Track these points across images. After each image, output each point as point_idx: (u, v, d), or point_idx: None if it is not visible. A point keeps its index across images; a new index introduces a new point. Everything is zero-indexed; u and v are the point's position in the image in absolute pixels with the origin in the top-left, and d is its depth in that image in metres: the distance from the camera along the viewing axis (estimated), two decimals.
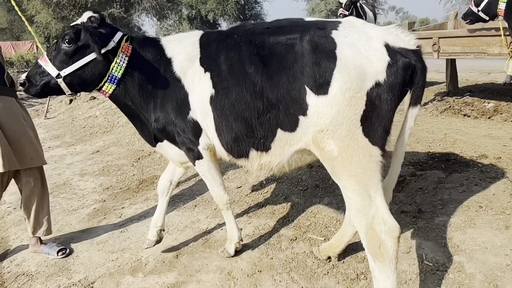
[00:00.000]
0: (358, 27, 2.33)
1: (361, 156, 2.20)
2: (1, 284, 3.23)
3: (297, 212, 3.76)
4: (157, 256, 3.34)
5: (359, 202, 2.24)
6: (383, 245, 2.18)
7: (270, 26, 2.54)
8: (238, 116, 2.53)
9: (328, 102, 2.21)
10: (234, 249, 3.15)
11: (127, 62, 2.73)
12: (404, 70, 2.18)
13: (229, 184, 4.72)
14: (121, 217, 4.26)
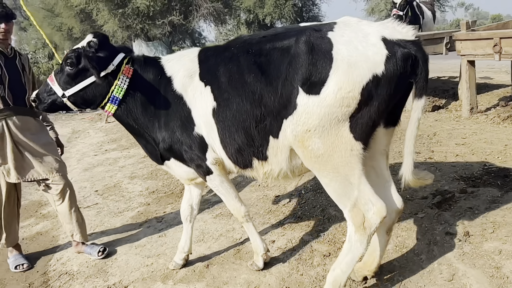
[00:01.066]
0: (353, 25, 2.34)
1: (342, 151, 2.29)
2: (45, 281, 3.44)
3: (334, 226, 3.61)
4: (189, 265, 3.37)
5: (341, 189, 2.37)
6: (368, 222, 2.36)
7: (266, 35, 2.58)
8: (239, 126, 2.57)
9: (318, 102, 2.24)
10: (262, 261, 3.09)
11: (128, 84, 2.81)
12: (404, 61, 2.19)
13: (268, 192, 4.67)
14: (161, 221, 4.37)
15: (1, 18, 3.41)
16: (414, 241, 3.18)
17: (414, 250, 3.08)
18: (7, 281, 3.46)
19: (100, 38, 2.80)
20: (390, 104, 2.30)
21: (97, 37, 2.80)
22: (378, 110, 2.25)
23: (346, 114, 2.23)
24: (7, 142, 3.42)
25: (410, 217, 3.52)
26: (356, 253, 2.44)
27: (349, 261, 2.46)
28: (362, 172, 2.34)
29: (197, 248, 3.65)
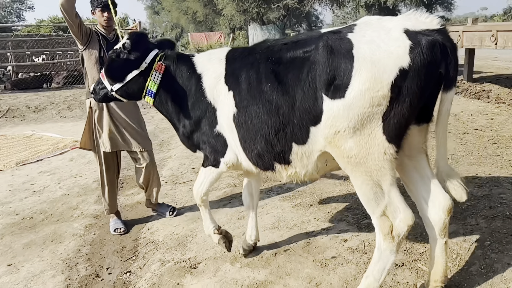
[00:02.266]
0: (374, 24, 2.27)
1: (376, 154, 2.22)
2: (135, 246, 3.85)
3: (414, 235, 3.34)
4: (258, 250, 3.46)
5: (371, 194, 2.31)
6: (395, 230, 2.32)
7: (288, 42, 2.57)
8: (257, 133, 2.60)
9: (345, 105, 2.18)
10: (217, 235, 3.18)
11: (161, 79, 2.98)
12: (430, 49, 2.08)
13: (352, 188, 4.49)
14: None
15: (104, 7, 3.94)
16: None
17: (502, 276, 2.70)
18: (106, 241, 3.97)
19: (133, 39, 3.00)
20: (422, 99, 2.18)
21: (130, 38, 3.00)
22: (411, 106, 2.14)
23: (378, 113, 2.16)
24: (104, 116, 3.97)
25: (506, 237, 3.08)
26: (386, 261, 2.40)
27: (381, 268, 2.43)
28: (393, 179, 2.27)
29: (269, 234, 3.72)
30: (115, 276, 3.31)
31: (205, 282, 3.05)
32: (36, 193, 5.34)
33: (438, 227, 2.48)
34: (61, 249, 3.76)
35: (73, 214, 4.63)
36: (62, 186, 5.60)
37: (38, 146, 7.72)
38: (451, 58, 2.13)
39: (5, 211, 4.76)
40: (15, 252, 3.73)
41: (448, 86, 2.22)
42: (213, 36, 34.56)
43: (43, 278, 3.27)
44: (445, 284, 2.60)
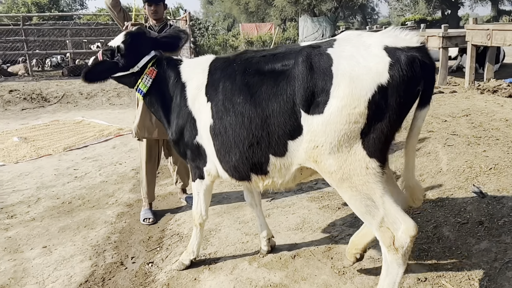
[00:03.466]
0: (354, 39, 2.24)
1: (358, 169, 2.18)
2: (161, 237, 3.97)
3: (441, 248, 3.16)
4: (278, 250, 3.43)
5: (363, 208, 2.26)
6: (398, 241, 2.22)
7: (266, 54, 2.55)
8: (232, 145, 2.57)
9: (324, 121, 2.17)
10: (189, 261, 3.26)
11: (152, 82, 3.02)
12: (409, 66, 2.06)
13: None
14: (271, 201, 4.51)
15: (151, 1, 4.14)
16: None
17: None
18: (135, 230, 4.12)
19: (128, 42, 3.01)
20: (402, 115, 2.16)
21: (125, 41, 3.00)
22: (390, 122, 2.11)
23: (356, 130, 2.13)
24: (139, 104, 4.09)
25: None
26: (395, 275, 2.32)
27: (391, 283, 2.35)
28: (384, 190, 2.21)
29: (292, 235, 3.68)
30: (138, 266, 3.43)
31: (220, 279, 3.08)
32: (78, 179, 5.65)
33: None
34: (92, 235, 3.95)
35: (108, 201, 4.85)
36: (102, 173, 5.87)
37: (85, 133, 8.13)
38: (428, 75, 2.13)
39: (49, 194, 5.08)
40: (51, 235, 3.97)
41: (424, 103, 2.19)
42: (264, 27, 34.45)
43: (72, 263, 3.46)
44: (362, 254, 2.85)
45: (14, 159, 6.53)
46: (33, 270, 3.35)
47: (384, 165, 2.26)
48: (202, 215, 3.18)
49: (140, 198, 4.86)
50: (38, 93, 11.79)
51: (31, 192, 5.15)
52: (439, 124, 5.92)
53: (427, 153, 4.94)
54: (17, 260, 3.51)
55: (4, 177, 5.75)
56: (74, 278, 3.22)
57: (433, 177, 4.39)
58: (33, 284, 3.16)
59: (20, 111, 10.80)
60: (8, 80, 13.04)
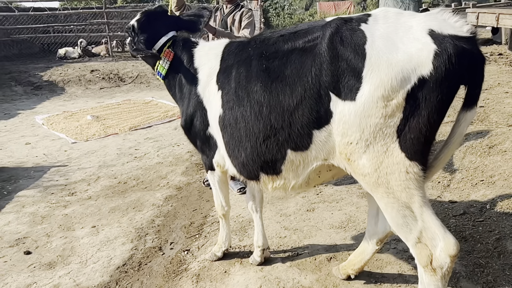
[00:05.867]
0: (392, 17, 1.93)
1: (396, 174, 1.93)
2: (202, 224, 3.98)
3: (503, 265, 2.74)
4: (315, 250, 3.26)
5: (400, 219, 2.01)
6: (436, 261, 1.97)
7: (284, 33, 2.28)
8: (243, 139, 2.32)
9: (356, 111, 1.90)
10: (222, 252, 3.23)
11: (170, 65, 2.94)
12: (456, 60, 1.76)
13: (446, 194, 3.91)
14: (318, 195, 4.31)
15: None
16: None
17: None
18: (179, 215, 4.18)
19: (143, 21, 2.95)
20: (442, 114, 1.87)
21: (139, 21, 2.95)
22: (429, 122, 1.83)
23: (392, 126, 1.87)
24: None
25: None
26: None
27: None
28: (424, 200, 1.96)
29: (333, 235, 3.47)
30: (175, 253, 3.47)
31: (249, 276, 3.00)
32: (137, 159, 5.89)
33: (378, 237, 2.60)
34: (138, 218, 4.09)
35: (160, 183, 4.99)
36: (160, 154, 6.06)
37: (152, 113, 8.47)
38: (477, 73, 1.85)
39: (108, 173, 5.37)
40: (102, 215, 4.19)
41: (469, 104, 1.90)
42: (342, 6, 32.92)
43: (114, 244, 3.61)
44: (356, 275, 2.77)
45: (85, 137, 7.01)
46: (79, 249, 3.55)
47: (426, 170, 1.98)
48: (223, 206, 3.10)
49: (189, 182, 4.96)
50: (115, 73, 12.53)
51: (93, 170, 5.48)
52: None
53: (502, 151, 4.34)
54: (68, 238, 3.75)
55: (73, 154, 6.19)
56: (113, 261, 3.36)
57: (505, 179, 3.85)
58: (76, 263, 3.35)
59: (98, 90, 11.58)
60: (92, 61, 14.00)
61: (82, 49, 14.58)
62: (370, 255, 2.70)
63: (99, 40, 15.71)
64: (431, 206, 2.01)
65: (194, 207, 4.33)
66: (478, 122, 5.31)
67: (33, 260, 3.43)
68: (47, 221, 4.10)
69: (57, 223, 4.04)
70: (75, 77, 12.06)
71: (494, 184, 3.84)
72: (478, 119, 5.39)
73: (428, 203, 1.98)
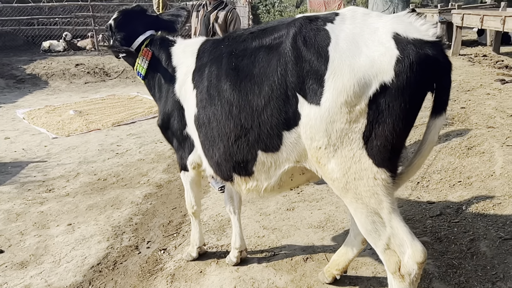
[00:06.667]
0: (359, 18, 1.90)
1: (364, 180, 1.91)
2: (180, 223, 3.94)
3: (475, 266, 2.77)
4: (292, 250, 3.25)
5: (369, 224, 2.00)
6: (404, 267, 1.96)
7: (254, 31, 2.25)
8: (215, 139, 2.31)
9: (322, 116, 1.88)
10: (197, 252, 3.19)
11: (148, 64, 2.88)
12: (420, 66, 1.73)
13: (423, 195, 3.93)
14: (299, 194, 4.31)
15: None
16: None
17: None
18: (158, 213, 4.12)
19: (119, 20, 2.93)
20: (409, 123, 1.85)
21: (116, 18, 2.93)
22: (395, 130, 1.80)
23: (358, 132, 1.85)
24: None
25: None
26: None
27: None
28: (393, 206, 1.95)
29: (311, 234, 3.47)
30: (151, 252, 3.43)
31: (224, 276, 2.98)
32: (118, 155, 5.82)
33: (362, 237, 2.53)
34: (116, 216, 4.03)
35: (140, 180, 4.93)
36: (142, 150, 6.00)
37: (136, 108, 8.37)
38: (444, 78, 1.78)
39: (87, 170, 5.29)
40: (79, 212, 4.12)
41: (438, 112, 1.88)
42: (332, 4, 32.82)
43: (90, 243, 3.55)
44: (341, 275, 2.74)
45: (67, 132, 6.90)
46: (53, 248, 3.49)
47: (396, 177, 1.97)
48: (193, 206, 3.06)
49: (170, 179, 4.91)
50: (101, 67, 12.36)
51: (73, 166, 5.40)
52: (503, 119, 5.23)
53: (480, 153, 4.39)
54: (42, 236, 3.68)
55: (53, 150, 6.09)
56: (87, 260, 3.30)
57: (482, 181, 3.89)
58: (49, 263, 3.28)
59: (83, 84, 11.41)
60: (77, 54, 13.79)
61: (67, 42, 14.34)
62: (354, 254, 2.68)
63: (84, 33, 15.46)
64: (399, 213, 2.00)
65: (174, 205, 4.29)
66: (458, 123, 5.36)
67: (5, 259, 3.36)
68: (22, 218, 4.02)
69: (32, 221, 3.96)
70: (59, 71, 11.87)
71: (471, 185, 3.88)
72: (459, 120, 5.45)
73: (397, 210, 1.98)
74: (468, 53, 10.93)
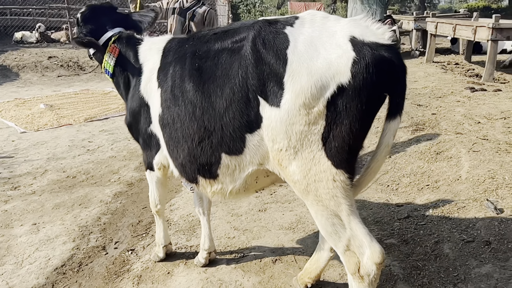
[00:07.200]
0: (318, 21, 1.94)
1: (324, 182, 1.94)
2: (151, 222, 3.88)
3: (438, 268, 2.84)
4: (261, 251, 3.25)
5: (329, 227, 2.02)
6: (364, 268, 1.99)
7: (217, 32, 2.26)
8: (179, 140, 2.29)
9: (282, 118, 1.90)
10: (163, 252, 3.15)
11: (115, 61, 2.81)
12: (376, 68, 1.77)
13: (393, 197, 4.00)
14: (272, 195, 4.31)
15: None
16: None
17: None
18: (127, 212, 4.05)
19: (86, 14, 2.91)
20: (366, 124, 1.90)
21: (83, 13, 2.91)
22: (351, 131, 1.83)
23: (317, 133, 1.88)
24: None
25: None
26: None
27: None
28: (352, 208, 1.98)
29: (281, 236, 3.48)
30: (119, 252, 3.37)
31: (192, 277, 2.95)
32: (89, 152, 5.69)
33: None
34: (83, 215, 3.94)
35: (111, 178, 4.84)
36: (114, 147, 5.88)
37: (110, 104, 8.21)
38: (399, 81, 1.82)
39: (56, 166, 5.15)
40: (44, 211, 4.00)
41: (393, 114, 1.91)
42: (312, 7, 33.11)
43: (54, 244, 3.44)
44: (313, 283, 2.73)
45: (36, 127, 6.70)
46: (16, 249, 3.37)
47: (353, 178, 2.02)
48: (156, 204, 3.02)
49: (142, 177, 4.83)
50: (75, 61, 12.08)
51: (41, 163, 5.24)
52: (470, 125, 5.39)
53: (448, 158, 4.51)
54: (4, 237, 3.55)
55: (21, 145, 5.90)
56: (51, 261, 3.20)
57: (449, 185, 4.00)
58: (11, 264, 3.17)
59: (56, 78, 11.11)
60: (50, 46, 13.43)
61: (40, 34, 13.93)
62: (325, 262, 2.68)
63: (59, 25, 15.08)
64: (358, 215, 2.04)
65: (145, 204, 4.22)
66: (429, 129, 5.49)
67: None
68: None
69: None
70: (31, 63, 11.53)
71: (438, 189, 3.98)
72: (430, 126, 5.58)
73: (355, 212, 2.02)
74: (441, 60, 11.21)
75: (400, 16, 16.38)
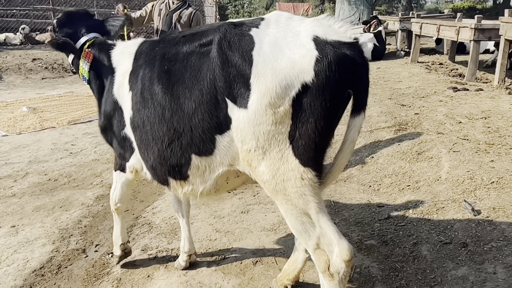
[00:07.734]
0: (283, 22, 1.97)
1: (292, 180, 1.97)
2: (132, 225, 3.86)
3: (416, 269, 2.86)
4: (242, 253, 3.25)
5: (299, 225, 2.05)
6: (333, 266, 2.01)
7: (186, 34, 2.28)
8: (150, 142, 2.30)
9: (249, 119, 1.92)
10: (121, 250, 3.09)
11: (90, 67, 2.81)
12: (338, 65, 1.81)
13: (375, 198, 4.04)
14: (255, 196, 4.32)
15: None
16: None
17: None
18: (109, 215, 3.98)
19: (61, 20, 2.97)
20: (331, 121, 1.92)
21: (59, 19, 2.97)
22: (317, 129, 1.86)
23: (284, 132, 1.91)
24: None
25: None
26: None
27: None
28: (320, 206, 2.00)
29: (263, 237, 3.48)
30: (99, 255, 3.34)
31: (171, 280, 2.94)
32: (72, 155, 5.63)
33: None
34: (64, 218, 3.90)
35: (93, 181, 4.79)
36: (97, 150, 5.83)
37: (94, 107, 8.09)
38: (361, 78, 1.89)
39: (38, 169, 5.08)
40: (24, 214, 3.95)
41: (356, 110, 1.94)
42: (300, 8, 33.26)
43: (33, 246, 3.41)
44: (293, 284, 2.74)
45: (18, 130, 6.62)
46: None
47: (321, 176, 2.04)
48: (116, 203, 3.00)
49: None
50: (60, 63, 11.95)
51: (22, 166, 5.18)
52: (452, 125, 5.46)
53: (429, 158, 4.56)
54: None
55: (2, 148, 5.82)
56: (30, 263, 3.17)
57: (429, 185, 4.05)
58: None
59: (40, 80, 10.99)
60: (34, 48, 13.27)
61: (24, 36, 13.76)
62: (302, 263, 2.70)
63: (44, 27, 14.88)
64: (327, 212, 2.06)
65: (126, 207, 4.19)
66: (411, 129, 5.55)
67: None
68: None
69: None
70: (15, 65, 11.39)
71: (419, 190, 4.03)
72: (412, 126, 5.64)
73: (324, 210, 2.04)
74: (426, 60, 11.35)
75: (386, 16, 16.54)
